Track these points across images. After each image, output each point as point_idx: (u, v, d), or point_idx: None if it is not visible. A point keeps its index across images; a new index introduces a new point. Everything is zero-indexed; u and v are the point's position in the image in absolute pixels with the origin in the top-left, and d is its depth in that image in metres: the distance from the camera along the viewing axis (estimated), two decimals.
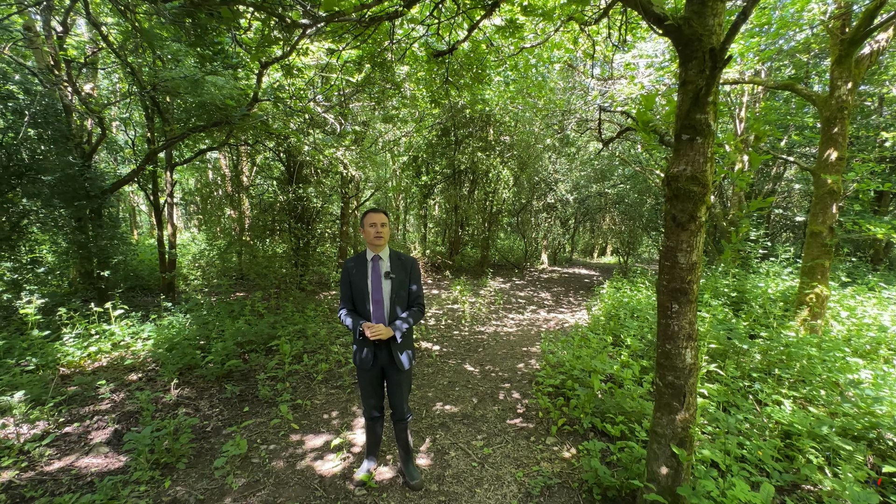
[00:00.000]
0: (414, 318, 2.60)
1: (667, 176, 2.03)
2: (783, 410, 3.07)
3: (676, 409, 2.14)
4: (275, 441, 3.30)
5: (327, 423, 3.62)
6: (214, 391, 4.16)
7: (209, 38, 4.02)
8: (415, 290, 2.66)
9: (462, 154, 11.71)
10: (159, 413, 3.63)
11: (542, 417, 3.73)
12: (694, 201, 1.95)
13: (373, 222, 2.56)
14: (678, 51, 1.98)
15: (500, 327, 7.33)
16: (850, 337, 4.85)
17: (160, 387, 4.15)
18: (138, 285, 8.58)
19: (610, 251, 24.75)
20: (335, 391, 4.32)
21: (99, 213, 6.30)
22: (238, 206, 11.37)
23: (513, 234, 20.31)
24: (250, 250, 8.70)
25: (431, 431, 3.54)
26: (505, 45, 4.54)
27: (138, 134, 9.43)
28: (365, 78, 4.98)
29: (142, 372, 4.46)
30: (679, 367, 2.12)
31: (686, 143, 1.94)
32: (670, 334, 2.12)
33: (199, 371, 4.34)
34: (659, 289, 2.16)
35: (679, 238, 2.02)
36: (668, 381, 2.15)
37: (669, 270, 2.08)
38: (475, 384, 4.63)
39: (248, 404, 3.92)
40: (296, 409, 3.87)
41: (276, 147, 7.94)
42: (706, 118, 1.88)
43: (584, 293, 11.55)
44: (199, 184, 14.73)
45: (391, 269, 2.60)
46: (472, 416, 3.82)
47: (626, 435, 3.15)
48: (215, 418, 3.64)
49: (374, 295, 2.57)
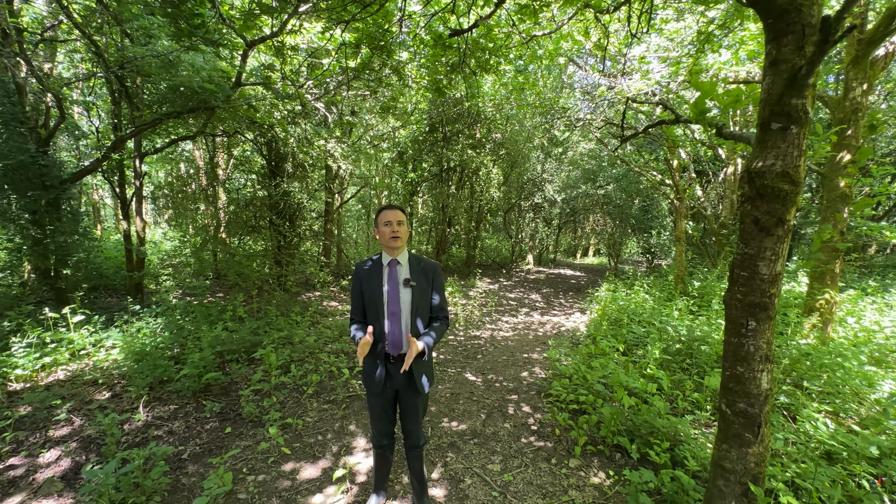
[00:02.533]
0: (438, 334, 2.24)
1: (748, 172, 1.74)
2: (822, 428, 2.87)
3: (749, 442, 1.86)
4: (264, 470, 2.87)
5: (323, 446, 3.21)
6: (191, 409, 3.68)
7: (187, 9, 3.54)
8: (438, 301, 2.30)
9: (451, 151, 11.36)
10: (127, 438, 3.14)
11: (560, 435, 3.43)
12: (783, 202, 1.67)
13: (388, 220, 2.19)
14: (766, 25, 1.68)
15: (496, 331, 7.03)
16: (857, 343, 4.77)
17: (127, 405, 3.63)
18: (102, 285, 7.87)
19: (592, 252, 24.91)
20: (328, 406, 3.90)
21: (57, 206, 5.63)
22: (213, 201, 10.68)
23: (497, 233, 20.11)
24: (227, 248, 8.11)
25: (441, 453, 3.18)
26: (516, 33, 4.22)
27: (104, 122, 8.67)
28: (362, 63, 4.56)
29: (106, 387, 3.92)
30: (753, 392, 1.83)
31: (776, 133, 1.65)
32: (743, 355, 1.84)
33: (172, 385, 3.84)
34: (730, 303, 1.87)
35: (762, 245, 1.73)
36: (740, 409, 1.86)
37: (747, 282, 1.79)
38: (480, 396, 4.29)
39: (231, 424, 3.47)
40: (286, 429, 3.44)
41: (256, 138, 7.39)
42: (803, 104, 1.60)
43: (574, 294, 11.40)
44: (170, 176, 13.86)
45: (411, 276, 2.23)
46: (483, 435, 3.48)
47: (663, 461, 2.88)
48: (193, 442, 3.18)
49: (391, 306, 2.19)
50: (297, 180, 7.59)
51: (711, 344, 4.40)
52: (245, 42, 4.20)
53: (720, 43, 4.35)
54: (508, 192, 14.98)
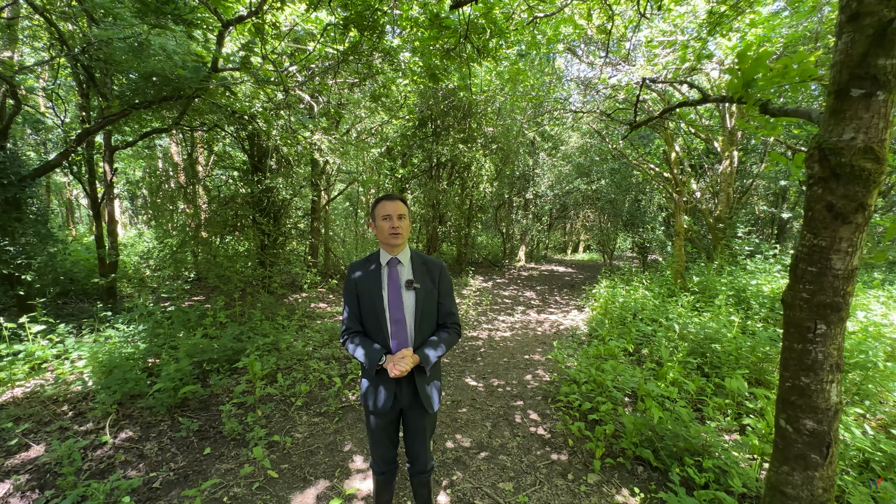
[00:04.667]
0: (447, 344, 1.93)
1: (819, 149, 1.47)
2: (858, 434, 2.65)
3: (815, 464, 1.60)
4: (248, 499, 2.53)
5: (315, 467, 2.88)
6: (165, 427, 3.30)
7: None
8: (446, 305, 1.99)
9: (442, 146, 11.03)
10: (90, 465, 2.77)
11: (574, 447, 3.16)
12: (865, 183, 1.40)
13: (387, 214, 1.87)
14: None
15: (494, 331, 6.76)
16: (868, 338, 4.62)
17: (93, 425, 3.24)
18: (72, 290, 7.35)
19: (583, 248, 24.87)
20: (319, 419, 3.57)
21: (17, 204, 5.15)
22: (193, 199, 10.17)
23: (487, 230, 19.86)
24: (208, 249, 7.65)
25: (447, 471, 2.88)
26: (519, 11, 3.93)
27: (72, 115, 8.12)
28: (350, 47, 4.21)
29: (68, 405, 3.52)
30: (821, 407, 1.58)
31: (858, 101, 1.39)
32: (809, 364, 1.57)
33: (145, 401, 3.46)
34: (793, 303, 1.61)
35: (836, 234, 1.47)
36: (805, 427, 1.60)
37: (816, 278, 1.52)
38: (483, 403, 4.01)
39: (210, 443, 3.12)
40: (272, 447, 3.10)
41: (238, 132, 6.96)
42: (893, 64, 1.33)
43: (569, 291, 11.21)
44: (147, 174, 13.25)
45: (414, 277, 1.92)
46: (491, 448, 3.19)
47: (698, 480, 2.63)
48: (167, 467, 2.82)
49: (393, 312, 1.87)
50: (281, 176, 7.19)
51: (724, 342, 4.19)
52: (221, 21, 3.82)
53: (730, 25, 4.12)
54: (500, 187, 14.73)
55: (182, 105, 5.30)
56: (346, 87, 6.38)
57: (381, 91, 5.56)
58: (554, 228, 22.70)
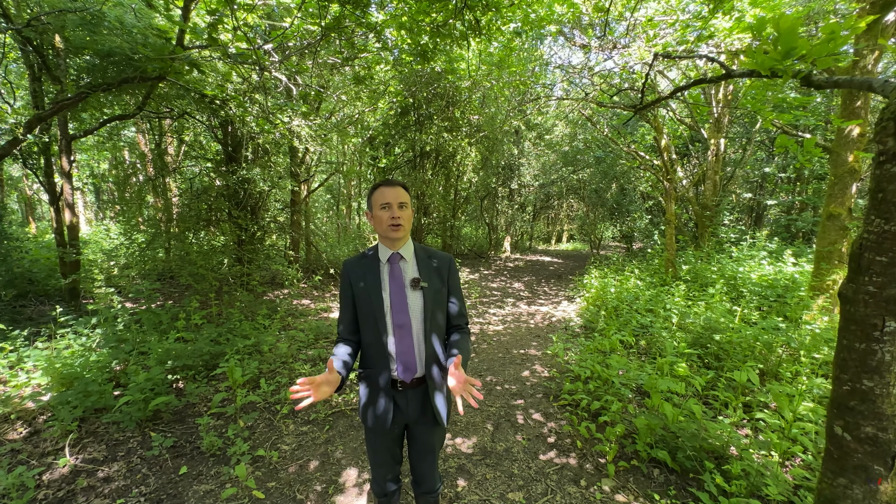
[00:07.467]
0: (466, 354, 1.65)
1: (893, 120, 1.28)
2: None
3: (878, 476, 1.43)
4: None
5: (305, 484, 2.62)
6: (135, 444, 2.97)
7: None
8: (456, 307, 1.74)
9: (426, 135, 10.70)
10: (46, 494, 2.43)
11: (584, 449, 2.99)
12: None
13: (386, 202, 1.59)
14: None
15: (486, 325, 6.56)
16: None
17: (50, 445, 2.89)
18: (31, 292, 6.79)
19: (567, 238, 24.97)
20: (308, 428, 3.30)
21: None
22: (163, 192, 9.58)
23: (471, 221, 19.66)
24: (181, 245, 7.18)
25: (450, 481, 2.66)
26: None
27: (23, 101, 7.46)
28: (332, 21, 3.85)
29: (22, 423, 3.14)
30: (886, 413, 1.40)
31: None
32: (874, 365, 1.40)
33: (111, 416, 3.11)
34: (855, 297, 1.42)
35: None
36: (866, 435, 1.43)
37: (886, 269, 1.34)
38: (482, 403, 3.79)
39: (187, 461, 2.81)
40: (257, 463, 2.82)
41: (209, 119, 6.48)
42: None
43: (556, 282, 11.12)
44: (112, 166, 12.47)
45: (420, 275, 1.66)
46: (495, 453, 2.99)
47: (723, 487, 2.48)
48: (136, 492, 2.50)
49: (397, 317, 1.61)
50: (258, 166, 6.76)
51: (727, 333, 4.08)
52: None
53: (732, 3, 3.95)
54: (486, 177, 14.50)
55: (146, 89, 4.85)
56: (326, 69, 6.00)
57: (364, 73, 5.20)
58: (538, 219, 22.67)
